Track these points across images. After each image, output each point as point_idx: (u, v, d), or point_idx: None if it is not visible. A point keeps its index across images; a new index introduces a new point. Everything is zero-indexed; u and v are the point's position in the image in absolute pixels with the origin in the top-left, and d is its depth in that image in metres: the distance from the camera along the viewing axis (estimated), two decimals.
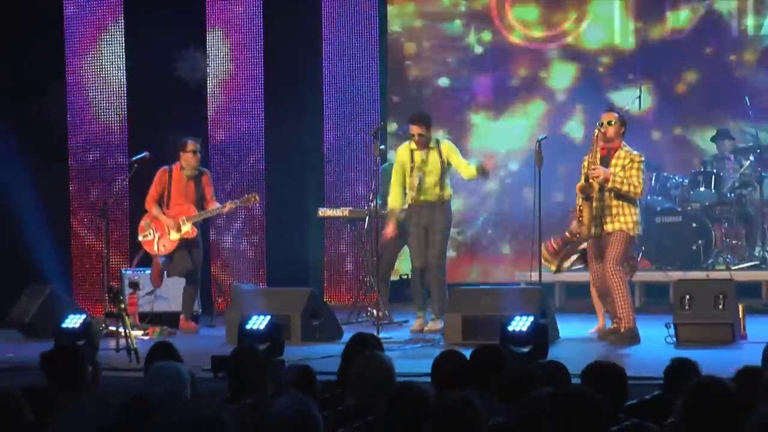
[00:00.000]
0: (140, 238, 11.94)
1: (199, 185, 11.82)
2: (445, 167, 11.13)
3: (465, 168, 11.08)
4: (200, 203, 11.81)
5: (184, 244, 11.71)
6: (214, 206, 11.78)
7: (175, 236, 11.72)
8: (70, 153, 14.38)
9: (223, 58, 14.33)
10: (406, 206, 11.29)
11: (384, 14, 14.53)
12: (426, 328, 11.02)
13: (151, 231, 11.84)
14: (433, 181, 11.10)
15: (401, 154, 11.28)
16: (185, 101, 14.08)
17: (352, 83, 14.37)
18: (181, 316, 11.74)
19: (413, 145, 11.17)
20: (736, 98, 13.49)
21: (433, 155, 11.14)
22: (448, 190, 11.17)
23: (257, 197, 11.85)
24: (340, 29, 14.38)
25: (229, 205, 11.80)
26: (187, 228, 11.71)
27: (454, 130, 14.06)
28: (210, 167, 12.72)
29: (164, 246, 11.77)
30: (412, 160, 11.14)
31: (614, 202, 10.06)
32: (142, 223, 11.94)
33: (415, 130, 11.14)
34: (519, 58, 14.41)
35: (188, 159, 11.75)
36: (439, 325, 10.85)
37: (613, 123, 10.15)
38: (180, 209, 11.74)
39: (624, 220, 10.06)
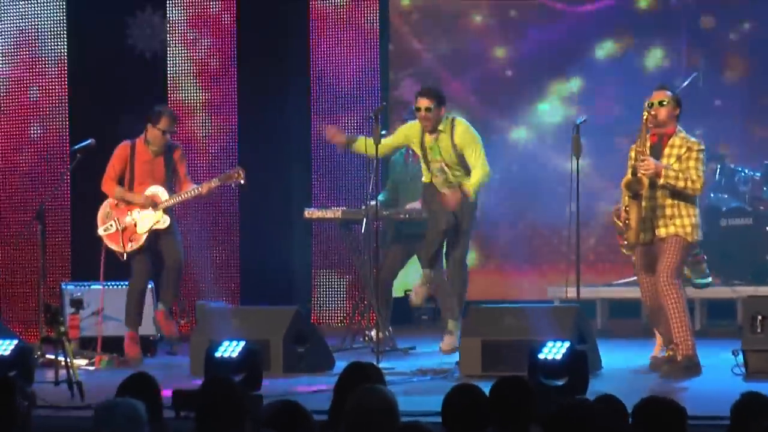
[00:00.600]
0: (101, 232, 11.84)
1: (170, 162, 11.74)
2: (460, 156, 11.18)
3: (471, 174, 11.18)
4: (171, 185, 11.76)
5: (155, 237, 11.67)
6: (189, 187, 11.72)
7: (143, 227, 11.66)
8: None
9: (185, 25, 14.38)
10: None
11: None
12: (444, 348, 11.19)
13: (114, 221, 11.76)
14: (450, 169, 11.21)
15: (409, 128, 11.45)
16: (141, 75, 14.12)
17: (346, 62, 14.40)
18: (160, 310, 11.65)
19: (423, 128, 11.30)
20: None
21: (444, 140, 11.20)
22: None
23: (241, 173, 11.69)
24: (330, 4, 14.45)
25: (207, 185, 11.72)
26: (158, 216, 11.65)
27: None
28: None
29: (132, 240, 11.72)
30: (423, 144, 11.27)
31: (668, 201, 10.08)
32: (101, 212, 11.86)
33: (421, 103, 11.21)
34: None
35: (156, 137, 11.66)
36: (456, 342, 10.94)
37: (665, 103, 10.16)
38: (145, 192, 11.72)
39: (680, 222, 10.08)
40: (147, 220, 11.65)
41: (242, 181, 11.69)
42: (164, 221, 11.62)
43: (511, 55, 14.59)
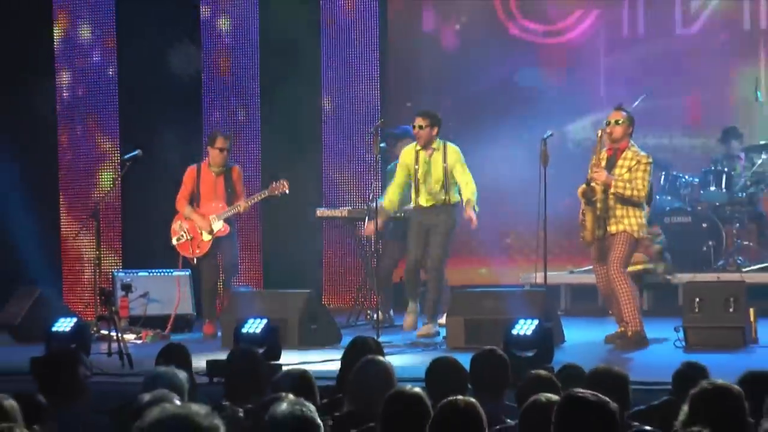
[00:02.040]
0: (174, 242, 11.90)
1: (230, 181, 11.79)
2: (449, 174, 11.12)
3: (464, 188, 11.06)
4: (231, 200, 11.79)
5: (217, 242, 11.74)
6: (242, 200, 11.75)
7: (207, 236, 11.73)
8: (59, 152, 14.43)
9: (218, 53, 14.38)
10: (406, 208, 11.39)
11: (385, 7, 14.57)
12: (419, 333, 11.04)
13: (184, 233, 11.81)
14: (437, 186, 11.12)
15: (406, 154, 11.29)
16: (179, 96, 14.13)
17: (353, 77, 14.40)
18: (207, 321, 11.72)
19: (418, 146, 11.19)
20: None
21: (437, 158, 11.15)
22: (455, 196, 11.15)
23: (286, 185, 11.70)
24: (341, 21, 14.41)
25: (257, 196, 11.78)
26: (219, 226, 11.71)
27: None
28: None
29: (199, 247, 11.79)
30: (417, 162, 11.16)
31: (618, 204, 10.09)
32: (174, 225, 11.92)
33: (417, 121, 11.14)
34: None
35: (215, 156, 11.72)
36: (432, 329, 10.90)
37: (621, 122, 10.17)
38: (210, 207, 11.74)
39: (628, 222, 10.09)
40: (213, 227, 11.72)
41: (287, 191, 11.69)
42: (225, 229, 11.70)
43: None
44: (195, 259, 11.81)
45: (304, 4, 14.19)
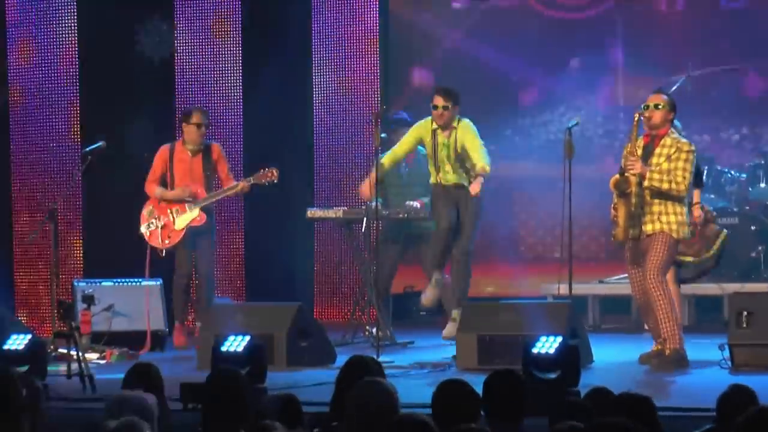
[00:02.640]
0: (143, 230, 11.92)
1: (209, 161, 11.80)
2: (464, 153, 11.19)
3: (476, 161, 11.14)
4: (211, 183, 11.79)
5: (193, 235, 11.72)
6: (230, 184, 11.74)
7: (181, 224, 11.72)
8: (11, 144, 14.43)
9: (194, 31, 14.39)
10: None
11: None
12: (446, 335, 11.17)
13: (155, 220, 11.82)
14: (458, 165, 11.25)
15: (423, 129, 11.41)
16: (149, 81, 14.14)
17: (347, 61, 14.40)
18: (176, 324, 11.73)
19: (434, 125, 11.30)
20: None
21: (454, 138, 11.29)
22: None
23: (275, 173, 11.77)
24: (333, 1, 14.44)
25: (242, 184, 11.78)
26: (194, 214, 11.70)
27: None
28: None
29: (170, 237, 11.79)
30: (435, 142, 11.28)
31: (656, 199, 10.10)
32: (144, 211, 11.95)
33: (438, 101, 11.25)
34: None
35: (190, 132, 11.73)
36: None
37: (660, 107, 10.18)
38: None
39: (666, 219, 10.10)
40: (184, 217, 11.71)
41: (275, 180, 11.73)
42: (201, 218, 11.69)
43: None
44: (164, 251, 11.80)
45: None
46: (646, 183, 10.02)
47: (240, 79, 14.36)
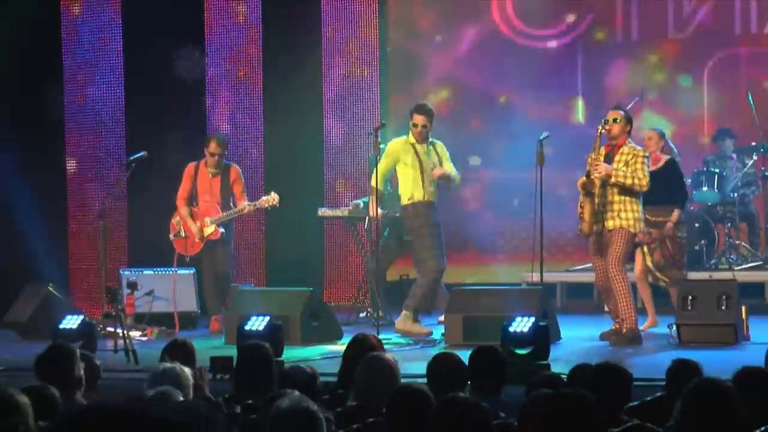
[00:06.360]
0: (171, 236, 11.94)
1: (226, 182, 11.76)
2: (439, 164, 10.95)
3: (452, 171, 10.95)
4: (227, 201, 11.76)
5: (210, 245, 11.72)
6: (240, 205, 11.71)
7: (200, 237, 11.73)
8: (67, 153, 14.43)
9: (221, 56, 14.38)
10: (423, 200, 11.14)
11: (385, 13, 14.55)
12: (398, 326, 10.84)
13: (181, 230, 11.85)
14: (434, 179, 10.96)
15: (396, 146, 10.91)
16: (183, 99, 14.13)
17: (353, 80, 14.37)
18: (213, 317, 11.71)
19: (412, 139, 10.87)
20: None
21: (432, 153, 10.97)
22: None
23: (276, 198, 11.66)
24: (340, 26, 14.39)
25: (248, 208, 11.73)
26: (210, 230, 11.70)
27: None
28: None
29: (192, 247, 11.81)
30: (417, 156, 10.85)
31: (616, 198, 10.11)
32: (173, 220, 11.96)
33: (419, 120, 10.81)
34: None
35: (209, 158, 11.72)
36: (414, 327, 10.78)
37: (618, 121, 10.20)
38: (207, 207, 11.74)
39: (625, 216, 10.10)
40: (203, 232, 11.71)
41: (277, 205, 11.68)
42: (216, 233, 11.68)
43: None
44: (188, 257, 11.85)
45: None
46: (612, 180, 10.03)
47: (260, 99, 14.35)
